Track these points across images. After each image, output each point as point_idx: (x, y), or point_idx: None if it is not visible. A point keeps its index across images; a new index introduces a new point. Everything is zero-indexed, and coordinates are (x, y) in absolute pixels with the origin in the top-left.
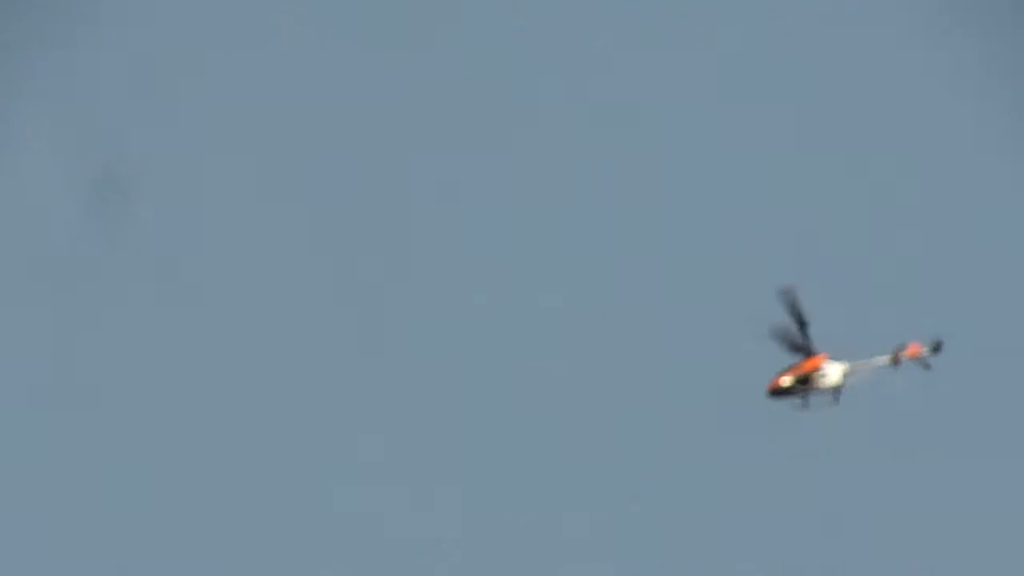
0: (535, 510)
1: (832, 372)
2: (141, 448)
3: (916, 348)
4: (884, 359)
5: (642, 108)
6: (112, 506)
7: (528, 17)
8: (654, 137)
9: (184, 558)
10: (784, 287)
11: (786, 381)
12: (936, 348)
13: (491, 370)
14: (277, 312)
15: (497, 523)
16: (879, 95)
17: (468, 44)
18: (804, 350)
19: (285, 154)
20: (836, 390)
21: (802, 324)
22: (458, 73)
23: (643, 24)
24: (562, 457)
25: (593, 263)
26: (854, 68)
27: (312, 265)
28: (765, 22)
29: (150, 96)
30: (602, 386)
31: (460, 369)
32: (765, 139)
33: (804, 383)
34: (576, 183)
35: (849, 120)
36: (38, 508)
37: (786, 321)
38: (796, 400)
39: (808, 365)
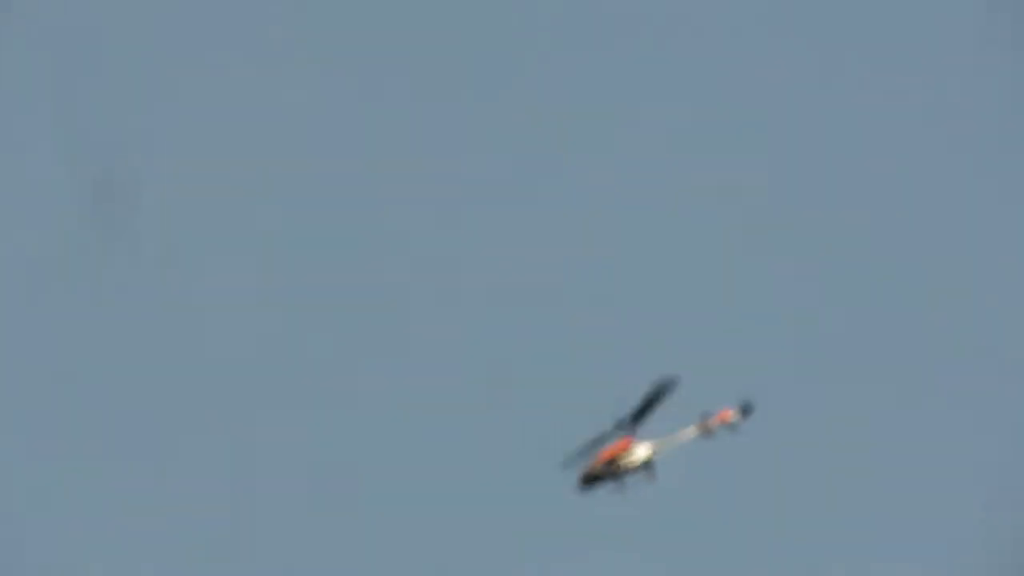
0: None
1: (639, 451)
2: (140, 448)
3: (726, 413)
4: (692, 430)
5: None
6: (111, 504)
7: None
8: None
9: (183, 558)
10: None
11: (595, 469)
12: (746, 411)
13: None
14: (277, 312)
15: None
16: None
17: (469, 46)
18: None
19: (285, 156)
20: (648, 467)
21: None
22: (458, 75)
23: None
24: None
25: None
26: None
27: (311, 266)
28: None
29: (150, 99)
30: None
31: (458, 368)
32: None
33: (612, 467)
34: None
35: None
36: (37, 507)
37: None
38: (609, 485)
39: (614, 449)
